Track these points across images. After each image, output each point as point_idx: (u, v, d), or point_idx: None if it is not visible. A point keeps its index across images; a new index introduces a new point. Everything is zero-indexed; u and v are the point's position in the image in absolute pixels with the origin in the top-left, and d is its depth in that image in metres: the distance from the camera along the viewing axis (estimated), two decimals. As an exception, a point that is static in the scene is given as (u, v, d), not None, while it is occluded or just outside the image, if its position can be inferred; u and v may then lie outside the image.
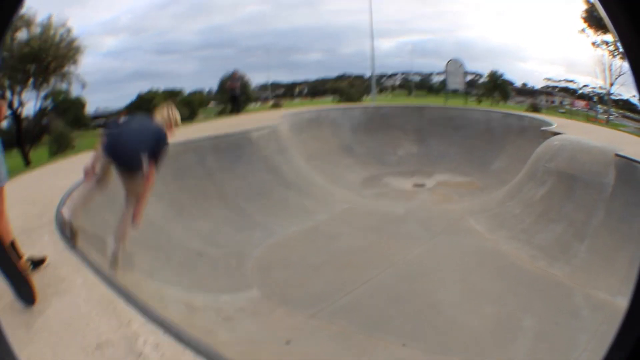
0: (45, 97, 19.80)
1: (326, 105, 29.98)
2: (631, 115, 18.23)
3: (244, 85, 28.61)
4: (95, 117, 21.88)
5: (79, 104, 20.84)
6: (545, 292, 8.76)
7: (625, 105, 19.86)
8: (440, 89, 32.12)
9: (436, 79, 35.05)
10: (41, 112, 19.43)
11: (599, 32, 22.25)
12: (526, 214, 11.98)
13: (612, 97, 21.04)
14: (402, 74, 37.87)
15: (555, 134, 15.24)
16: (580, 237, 9.96)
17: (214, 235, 11.64)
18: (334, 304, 8.52)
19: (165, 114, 6.97)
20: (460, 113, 23.08)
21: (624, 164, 10.21)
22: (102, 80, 23.15)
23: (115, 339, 4.01)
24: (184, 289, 8.30)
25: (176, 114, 7.19)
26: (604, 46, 21.86)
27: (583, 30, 23.64)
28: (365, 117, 23.31)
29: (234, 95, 24.49)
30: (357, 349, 7.07)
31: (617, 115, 19.47)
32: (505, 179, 15.27)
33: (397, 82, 38.56)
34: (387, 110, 24.68)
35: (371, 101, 28.78)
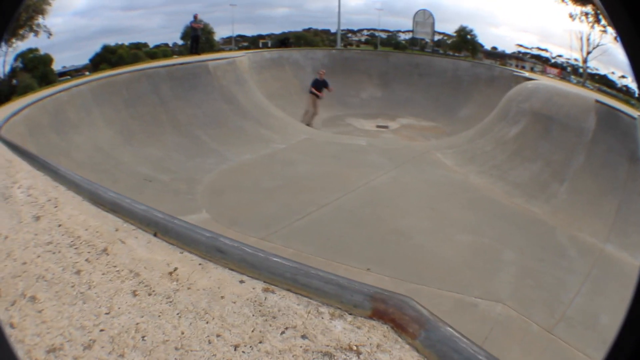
0: (16, 59, 18.91)
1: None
2: (608, 90, 17.80)
3: (208, 30, 27.71)
4: (62, 74, 20.87)
5: (47, 59, 19.93)
6: (524, 228, 8.18)
7: (601, 80, 19.45)
8: (406, 46, 31.26)
9: (403, 36, 34.24)
10: (12, 73, 18.59)
11: (578, 3, 21.65)
12: (498, 151, 11.33)
13: (588, 70, 20.60)
14: (369, 30, 37.10)
15: (529, 79, 14.75)
16: (559, 178, 9.48)
17: (165, 161, 10.82)
18: (289, 226, 7.67)
19: None
20: (427, 60, 22.22)
21: (606, 111, 9.81)
22: (70, 38, 22.23)
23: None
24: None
25: None
26: (583, 18, 21.22)
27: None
28: (328, 60, 22.07)
29: (196, 35, 23.64)
30: (315, 272, 6.38)
31: (592, 88, 19.01)
32: (472, 126, 14.64)
33: (363, 39, 37.82)
34: (352, 54, 23.69)
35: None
